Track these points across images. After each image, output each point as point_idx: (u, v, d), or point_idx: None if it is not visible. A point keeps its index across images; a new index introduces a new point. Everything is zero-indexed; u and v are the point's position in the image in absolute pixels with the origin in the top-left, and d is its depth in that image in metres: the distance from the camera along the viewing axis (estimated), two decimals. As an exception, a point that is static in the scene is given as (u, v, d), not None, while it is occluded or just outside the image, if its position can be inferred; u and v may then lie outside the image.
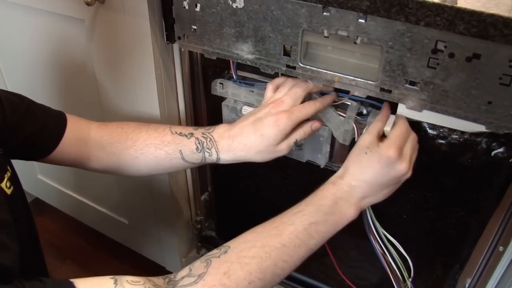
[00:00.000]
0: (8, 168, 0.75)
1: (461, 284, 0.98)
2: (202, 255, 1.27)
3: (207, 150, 0.84)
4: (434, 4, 0.60)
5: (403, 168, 0.74)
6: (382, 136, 0.77)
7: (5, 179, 0.72)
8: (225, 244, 0.70)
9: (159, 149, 0.86)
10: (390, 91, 0.73)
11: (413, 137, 0.77)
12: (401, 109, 0.76)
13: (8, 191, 0.72)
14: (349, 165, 0.77)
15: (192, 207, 1.28)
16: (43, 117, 0.85)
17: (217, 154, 0.84)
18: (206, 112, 1.06)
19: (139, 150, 0.87)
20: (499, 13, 0.57)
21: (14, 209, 0.69)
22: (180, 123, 1.09)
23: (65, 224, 1.76)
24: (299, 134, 0.82)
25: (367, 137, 0.75)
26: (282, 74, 0.87)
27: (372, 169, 0.74)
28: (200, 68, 1.03)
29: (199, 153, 0.85)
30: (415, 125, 0.78)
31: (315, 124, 0.84)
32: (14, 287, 0.55)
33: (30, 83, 1.28)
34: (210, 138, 0.84)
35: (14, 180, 0.76)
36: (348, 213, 0.76)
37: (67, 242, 1.72)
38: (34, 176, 1.58)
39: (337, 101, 0.86)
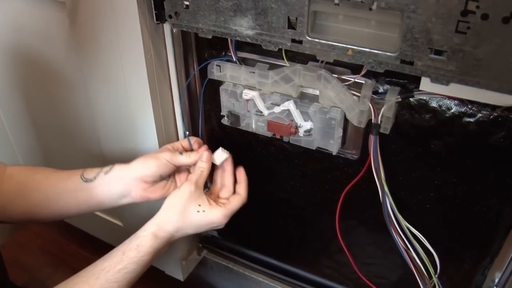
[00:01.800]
0: None
1: (489, 279, 0.90)
2: (204, 257, 1.22)
3: (109, 166, 0.90)
4: None
5: (220, 227, 0.89)
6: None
7: None
8: None
9: (64, 171, 0.92)
10: (412, 63, 0.65)
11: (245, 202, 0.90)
12: (425, 83, 0.68)
13: None
14: (176, 219, 0.85)
15: None
16: None
17: (113, 164, 0.90)
18: (203, 98, 0.98)
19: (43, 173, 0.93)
20: None
21: None
22: (174, 112, 1.02)
23: (59, 229, 1.70)
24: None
25: (196, 191, 0.87)
26: (286, 50, 0.79)
27: (200, 228, 0.87)
28: (195, 51, 0.95)
29: (99, 167, 0.90)
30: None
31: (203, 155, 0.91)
32: None
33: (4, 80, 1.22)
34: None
35: None
36: (163, 253, 0.87)
37: (61, 248, 1.67)
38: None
39: (350, 80, 0.78)
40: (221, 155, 0.91)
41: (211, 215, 0.85)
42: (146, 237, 0.83)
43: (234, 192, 0.93)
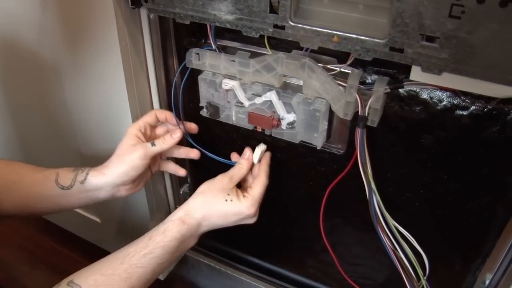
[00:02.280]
0: None
1: (480, 280, 0.88)
2: (185, 254, 1.18)
3: (82, 168, 0.88)
4: None
5: (254, 219, 0.87)
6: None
7: None
8: (75, 282, 0.73)
9: (38, 172, 0.90)
10: (402, 51, 0.61)
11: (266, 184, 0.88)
12: (416, 72, 0.64)
13: None
14: (204, 206, 0.84)
15: (171, 201, 1.18)
16: None
17: (88, 170, 0.88)
18: (182, 88, 0.94)
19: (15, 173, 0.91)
20: None
21: None
22: (151, 103, 0.98)
23: (36, 226, 1.65)
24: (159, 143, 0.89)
25: (229, 183, 0.86)
26: (269, 38, 0.76)
27: (227, 218, 0.85)
28: (174, 39, 0.91)
29: (73, 172, 0.88)
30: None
31: (175, 134, 0.90)
32: None
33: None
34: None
35: None
36: (191, 245, 0.85)
37: (39, 244, 1.62)
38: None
39: (336, 70, 0.74)
40: (259, 153, 0.90)
41: (238, 205, 0.84)
42: (173, 222, 0.83)
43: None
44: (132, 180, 0.88)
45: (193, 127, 0.95)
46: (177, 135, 0.90)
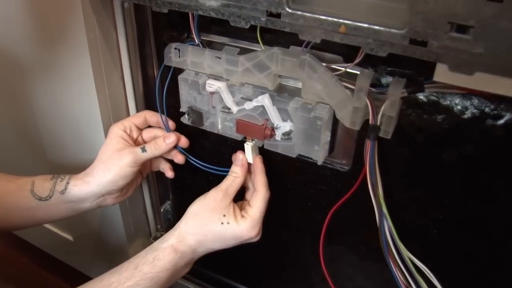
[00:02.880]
0: None
1: None
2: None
3: (61, 176, 0.83)
4: None
5: (257, 239, 0.79)
6: None
7: None
8: None
9: (10, 181, 0.84)
10: (425, 44, 0.51)
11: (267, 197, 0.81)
12: (441, 72, 0.54)
13: None
14: (198, 230, 0.78)
15: (151, 220, 1.12)
16: None
17: (69, 178, 0.83)
18: (162, 91, 0.86)
19: None
20: None
21: None
22: (127, 107, 0.91)
23: (9, 240, 1.61)
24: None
25: (224, 199, 0.78)
26: (262, 30, 0.67)
27: (225, 242, 0.79)
28: (152, 33, 0.83)
29: (51, 180, 0.83)
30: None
31: (169, 139, 0.83)
32: None
33: None
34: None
35: None
36: (183, 274, 0.80)
37: (10, 261, 1.59)
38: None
39: (341, 70, 0.65)
40: (250, 150, 0.80)
41: (236, 228, 0.77)
42: (164, 250, 0.76)
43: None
44: (120, 188, 0.82)
45: (183, 140, 0.87)
46: (171, 140, 0.83)
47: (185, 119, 0.81)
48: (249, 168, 0.82)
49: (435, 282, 0.70)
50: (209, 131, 0.82)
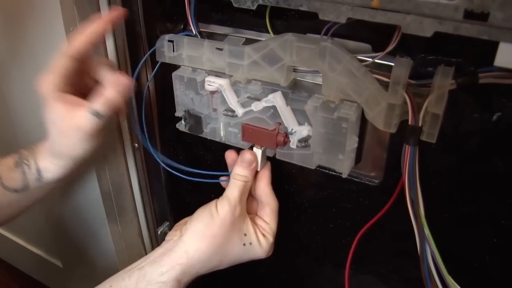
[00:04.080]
0: None
1: None
2: None
3: (25, 161, 0.75)
4: None
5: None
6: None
7: None
8: None
9: None
10: (485, 17, 0.42)
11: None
12: (505, 54, 0.44)
13: None
14: (214, 257, 0.70)
15: (147, 243, 1.05)
16: None
17: (36, 163, 0.75)
18: (155, 91, 0.80)
19: None
20: None
21: None
22: (118, 121, 0.84)
23: None
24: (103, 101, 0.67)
25: (242, 215, 0.71)
26: (271, 15, 0.59)
27: (238, 261, 0.73)
28: (143, 24, 0.75)
29: (17, 168, 0.76)
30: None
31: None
32: None
33: None
34: (30, 148, 0.76)
35: None
36: None
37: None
38: None
39: (368, 60, 0.56)
40: (260, 156, 0.72)
41: (258, 250, 0.72)
42: (165, 284, 0.68)
43: None
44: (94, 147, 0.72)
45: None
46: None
47: (181, 126, 0.73)
48: (257, 174, 0.74)
49: None
50: (209, 139, 0.74)
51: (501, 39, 0.42)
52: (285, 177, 0.77)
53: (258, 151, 0.69)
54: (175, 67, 0.70)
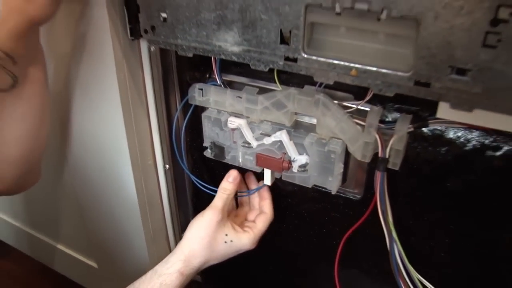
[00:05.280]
0: None
1: None
2: None
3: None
4: None
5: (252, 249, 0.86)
6: None
7: None
8: None
9: None
10: (428, 85, 0.55)
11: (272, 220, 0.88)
12: (443, 109, 0.58)
13: None
14: (203, 252, 0.83)
15: (172, 246, 1.15)
16: None
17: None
18: (184, 127, 0.91)
19: None
20: None
21: None
22: (152, 141, 0.95)
23: (30, 269, 1.62)
24: None
25: (223, 220, 0.84)
26: (279, 72, 0.72)
27: (225, 256, 0.85)
28: (176, 73, 0.87)
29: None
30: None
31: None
32: None
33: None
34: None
35: None
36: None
37: None
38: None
39: (352, 107, 0.70)
40: (268, 175, 0.84)
41: (239, 243, 0.84)
42: (171, 275, 0.80)
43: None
44: None
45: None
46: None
47: (207, 153, 0.85)
48: (261, 193, 0.88)
49: None
50: (230, 163, 0.85)
51: (439, 100, 0.56)
52: (289, 193, 0.87)
53: (268, 172, 0.82)
54: (203, 108, 0.82)
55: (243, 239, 0.84)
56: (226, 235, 0.84)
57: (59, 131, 0.98)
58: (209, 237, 0.83)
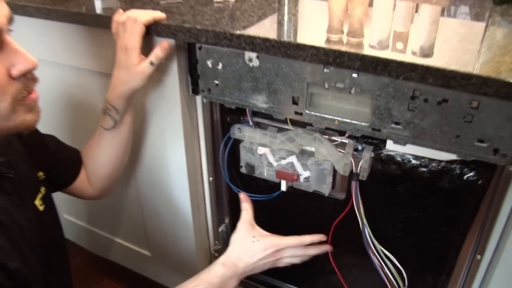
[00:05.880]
0: (42, 190, 0.94)
1: None
2: None
3: (107, 108, 1.05)
4: (409, 63, 0.77)
5: (282, 254, 1.05)
6: None
7: (38, 197, 0.92)
8: None
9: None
10: (379, 130, 0.89)
11: (296, 246, 1.07)
12: (390, 144, 0.94)
13: (41, 208, 0.92)
14: (238, 249, 1.03)
15: (211, 237, 1.40)
16: (69, 152, 1.13)
17: (112, 105, 1.04)
18: (224, 152, 1.21)
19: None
20: (458, 69, 0.74)
21: (45, 224, 0.93)
22: (200, 162, 1.24)
23: (84, 259, 1.76)
24: (154, 55, 1.00)
25: (249, 227, 1.06)
26: (291, 120, 1.04)
27: (257, 256, 1.02)
28: (219, 115, 1.19)
29: (105, 115, 1.06)
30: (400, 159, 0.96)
31: (165, 43, 1.00)
32: None
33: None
34: (105, 101, 1.05)
35: (47, 200, 0.96)
36: (232, 286, 1.01)
37: (94, 280, 1.73)
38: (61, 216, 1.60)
39: (337, 141, 1.03)
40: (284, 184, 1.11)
41: (263, 242, 1.04)
42: (216, 265, 1.01)
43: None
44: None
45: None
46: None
47: (243, 170, 1.16)
48: None
49: (397, 264, 1.06)
50: (258, 177, 1.14)
51: (386, 139, 0.91)
52: (298, 196, 1.13)
53: (283, 182, 1.11)
54: (240, 140, 1.12)
55: (265, 239, 1.03)
56: (254, 236, 1.04)
57: (132, 154, 1.26)
58: (241, 239, 1.04)
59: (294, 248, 1.08)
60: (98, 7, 1.11)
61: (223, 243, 1.43)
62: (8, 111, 0.73)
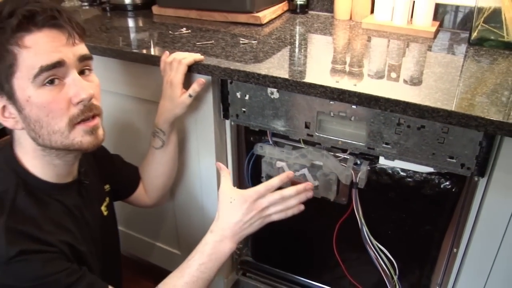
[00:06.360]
0: (107, 199, 1.16)
1: (434, 280, 1.33)
2: (241, 275, 1.58)
3: (156, 131, 1.26)
4: (394, 100, 0.99)
5: (260, 204, 1.02)
6: None
7: (103, 204, 1.13)
8: None
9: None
10: (373, 149, 1.12)
11: (276, 201, 1.06)
12: (382, 159, 1.18)
13: (105, 213, 1.14)
14: (220, 214, 1.05)
15: None
16: (131, 168, 1.33)
17: (160, 128, 1.24)
18: (247, 166, 1.42)
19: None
20: (431, 104, 0.96)
21: (107, 225, 1.13)
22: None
23: (132, 268, 1.84)
24: (192, 89, 1.20)
25: (227, 191, 1.05)
26: (303, 140, 1.27)
27: (236, 211, 1.02)
28: (244, 135, 1.41)
29: (154, 137, 1.27)
30: (391, 172, 1.20)
31: (201, 80, 1.20)
32: (78, 270, 0.90)
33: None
34: (154, 125, 1.26)
35: (110, 208, 1.18)
36: (227, 249, 1.01)
37: (136, 283, 1.81)
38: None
39: (340, 157, 1.27)
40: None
41: (239, 199, 1.03)
42: (206, 234, 1.04)
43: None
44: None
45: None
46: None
47: (263, 180, 1.37)
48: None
49: (390, 256, 1.26)
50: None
51: (379, 155, 1.15)
52: (308, 201, 1.12)
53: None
54: (262, 156, 1.34)
55: (240, 194, 1.03)
56: (231, 197, 1.03)
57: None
58: (221, 204, 1.05)
59: (276, 203, 1.06)
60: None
61: (244, 242, 1.63)
62: (65, 130, 0.89)
